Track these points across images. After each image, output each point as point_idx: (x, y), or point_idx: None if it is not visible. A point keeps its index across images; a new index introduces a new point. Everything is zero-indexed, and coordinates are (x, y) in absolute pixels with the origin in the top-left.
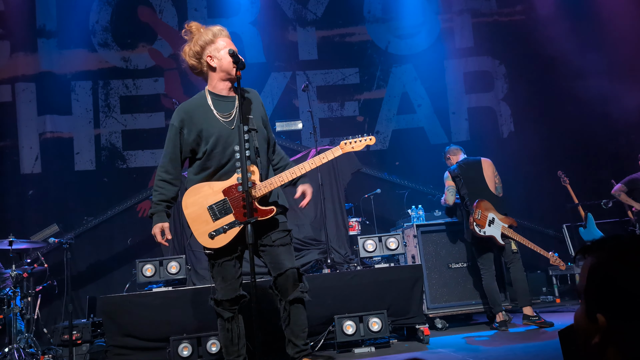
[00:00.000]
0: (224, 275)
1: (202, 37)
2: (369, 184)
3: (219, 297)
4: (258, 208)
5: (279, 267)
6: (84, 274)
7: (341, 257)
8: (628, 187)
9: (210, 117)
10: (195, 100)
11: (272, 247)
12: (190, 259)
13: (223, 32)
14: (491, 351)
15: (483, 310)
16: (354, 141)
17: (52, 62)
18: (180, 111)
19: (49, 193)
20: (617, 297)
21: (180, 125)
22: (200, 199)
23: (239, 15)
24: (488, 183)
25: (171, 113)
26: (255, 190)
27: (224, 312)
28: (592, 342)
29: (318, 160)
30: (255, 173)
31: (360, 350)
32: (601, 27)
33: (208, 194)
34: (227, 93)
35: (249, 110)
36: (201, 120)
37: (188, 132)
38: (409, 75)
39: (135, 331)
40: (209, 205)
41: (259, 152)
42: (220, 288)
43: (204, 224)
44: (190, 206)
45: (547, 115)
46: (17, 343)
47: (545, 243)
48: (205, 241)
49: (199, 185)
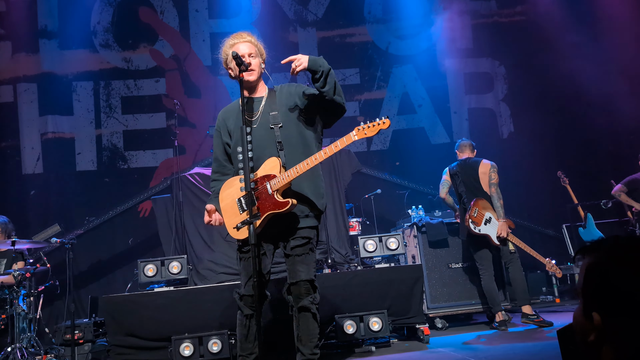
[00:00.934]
0: (249, 270)
1: (222, 55)
2: (370, 184)
3: (242, 291)
4: (276, 201)
5: (294, 276)
6: (85, 274)
7: (342, 257)
8: (628, 187)
9: (239, 118)
10: (232, 104)
11: (291, 256)
12: (192, 259)
13: (232, 39)
14: (491, 351)
15: (483, 310)
16: (367, 126)
17: (53, 63)
18: (219, 115)
19: (50, 193)
20: (611, 295)
21: (217, 127)
22: (233, 192)
23: (240, 16)
24: (482, 185)
25: (172, 113)
26: (275, 183)
27: (245, 308)
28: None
29: (333, 147)
30: (276, 167)
31: (361, 350)
32: (601, 27)
33: (239, 187)
34: (252, 94)
35: (275, 106)
36: (232, 122)
37: (224, 133)
38: (410, 76)
39: (137, 331)
40: (238, 197)
41: (283, 145)
42: (244, 283)
43: (233, 216)
44: (224, 199)
45: (547, 115)
46: (19, 342)
47: (544, 243)
48: (232, 232)
49: (233, 178)
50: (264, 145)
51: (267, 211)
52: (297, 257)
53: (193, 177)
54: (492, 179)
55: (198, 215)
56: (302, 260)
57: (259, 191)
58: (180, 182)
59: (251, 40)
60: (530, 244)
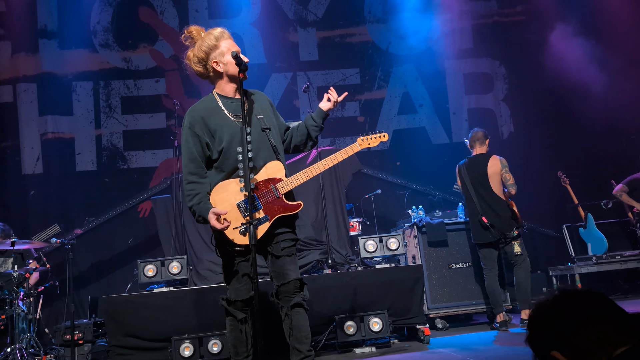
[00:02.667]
0: (239, 275)
1: (205, 43)
2: (370, 185)
3: (232, 297)
4: (286, 204)
5: (284, 277)
6: (85, 274)
7: (342, 258)
8: (629, 187)
9: (222, 117)
10: (204, 103)
11: (281, 257)
12: (192, 259)
13: (225, 34)
14: (491, 351)
15: (483, 311)
16: (369, 138)
17: (53, 63)
18: (189, 113)
19: (50, 193)
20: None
21: (190, 125)
22: (229, 196)
23: (240, 16)
24: (491, 182)
25: (172, 114)
26: (282, 187)
27: (237, 312)
28: None
29: (340, 155)
30: (281, 170)
31: (361, 350)
32: (602, 27)
33: (236, 191)
34: (234, 95)
35: (258, 110)
36: (213, 120)
37: (201, 131)
38: (410, 75)
39: (136, 331)
40: (238, 201)
41: (278, 149)
42: (235, 289)
43: (234, 221)
44: (219, 203)
45: (547, 115)
46: (19, 343)
47: (545, 243)
48: (236, 237)
49: (226, 182)
50: (258, 146)
51: (277, 214)
52: (287, 258)
53: None
54: (509, 180)
55: None
56: (292, 261)
57: (263, 194)
58: (180, 182)
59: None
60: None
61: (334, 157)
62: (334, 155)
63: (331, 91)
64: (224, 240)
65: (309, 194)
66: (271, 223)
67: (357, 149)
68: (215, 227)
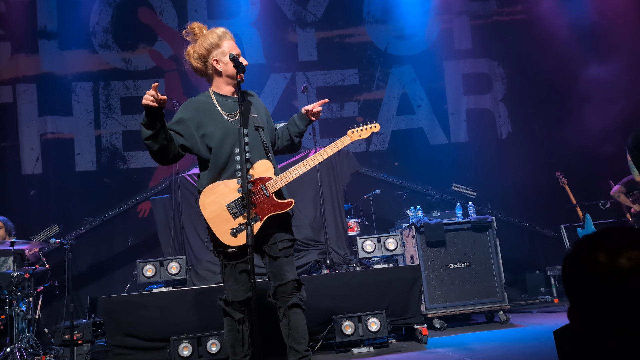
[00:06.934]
0: (237, 276)
1: (207, 40)
2: (368, 185)
3: (229, 297)
4: (277, 202)
5: (281, 278)
6: (84, 274)
7: (340, 258)
8: (627, 188)
9: (216, 115)
10: (200, 98)
11: (278, 258)
12: (191, 259)
13: (227, 34)
14: (489, 351)
15: (481, 311)
16: (360, 129)
17: (53, 63)
18: (184, 106)
19: (49, 194)
20: (589, 293)
21: (183, 117)
22: (218, 198)
23: (239, 17)
24: None
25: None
26: (272, 185)
27: (235, 313)
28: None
29: (329, 149)
30: (270, 169)
31: (359, 350)
32: (601, 27)
33: (225, 193)
34: (231, 94)
35: (252, 109)
36: (207, 117)
37: (194, 125)
38: (409, 76)
39: (136, 331)
40: (227, 203)
41: (269, 148)
42: (232, 289)
43: (224, 223)
44: (208, 206)
45: (546, 116)
46: (18, 343)
47: (543, 243)
48: (228, 239)
49: (214, 184)
50: (251, 145)
51: (268, 213)
52: (284, 259)
53: (192, 178)
54: None
55: (197, 216)
56: (289, 262)
57: (254, 194)
58: (179, 182)
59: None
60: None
61: (324, 151)
62: (324, 150)
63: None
64: (218, 243)
65: (307, 195)
66: (263, 222)
67: (347, 142)
68: (148, 103)
